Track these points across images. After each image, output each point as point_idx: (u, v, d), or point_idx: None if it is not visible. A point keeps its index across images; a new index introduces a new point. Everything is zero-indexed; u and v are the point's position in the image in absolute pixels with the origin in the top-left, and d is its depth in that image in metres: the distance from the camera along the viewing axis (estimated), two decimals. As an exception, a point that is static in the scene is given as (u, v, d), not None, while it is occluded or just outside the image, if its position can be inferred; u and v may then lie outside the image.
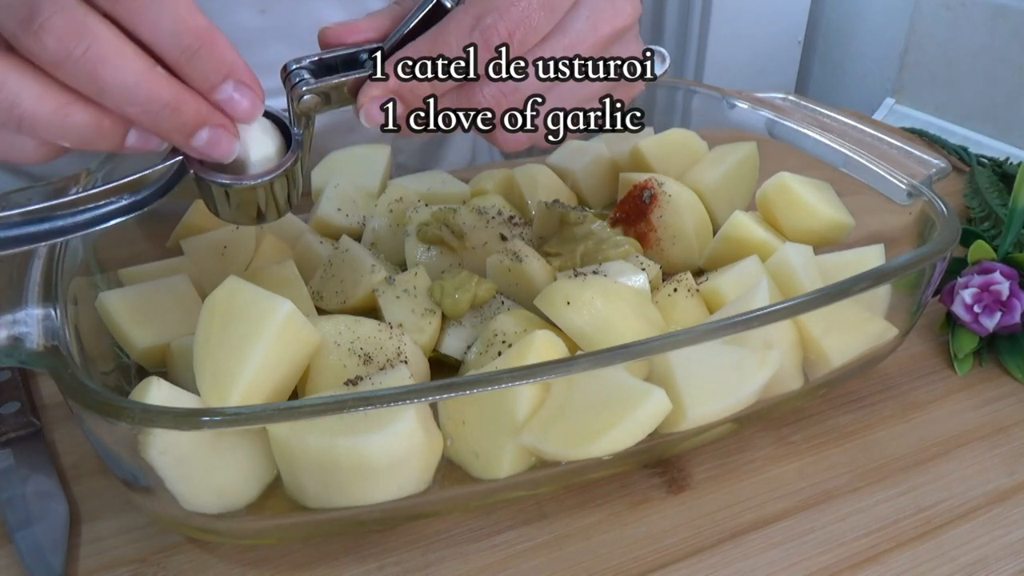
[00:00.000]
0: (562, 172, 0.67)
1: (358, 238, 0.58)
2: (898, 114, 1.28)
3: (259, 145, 0.36)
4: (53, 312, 0.38)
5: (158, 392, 0.36)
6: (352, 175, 0.63)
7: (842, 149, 0.57)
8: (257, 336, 0.37)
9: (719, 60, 1.38)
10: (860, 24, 1.39)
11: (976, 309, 0.52)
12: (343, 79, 0.37)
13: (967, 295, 0.52)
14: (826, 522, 0.42)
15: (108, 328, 0.47)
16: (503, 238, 0.55)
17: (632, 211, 0.58)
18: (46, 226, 0.33)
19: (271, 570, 0.39)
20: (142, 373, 0.46)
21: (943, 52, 1.19)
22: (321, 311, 0.51)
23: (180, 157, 0.35)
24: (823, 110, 0.62)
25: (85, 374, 0.35)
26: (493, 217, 0.57)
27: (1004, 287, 0.51)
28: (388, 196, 0.60)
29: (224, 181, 0.35)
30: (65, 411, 0.48)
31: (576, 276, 0.47)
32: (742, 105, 0.65)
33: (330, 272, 0.53)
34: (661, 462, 0.45)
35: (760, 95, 0.65)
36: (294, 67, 0.37)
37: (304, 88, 0.36)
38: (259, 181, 0.36)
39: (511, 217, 0.59)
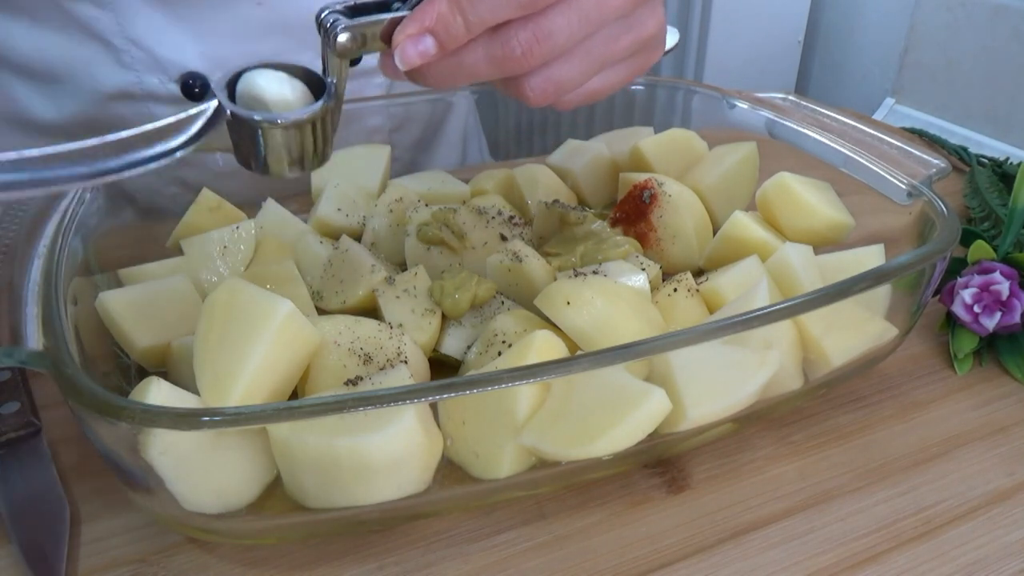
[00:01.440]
0: (562, 172, 0.67)
1: (358, 238, 0.58)
2: (898, 114, 1.28)
3: (292, 94, 0.36)
4: (53, 312, 0.38)
5: (158, 392, 0.36)
6: (352, 175, 0.63)
7: (842, 149, 0.57)
8: (257, 336, 0.37)
9: (719, 60, 1.38)
10: (860, 24, 1.39)
11: (976, 309, 0.52)
12: (380, 18, 0.37)
13: (967, 295, 0.52)
14: (826, 522, 0.42)
15: (108, 328, 0.47)
16: (503, 238, 0.55)
17: (632, 211, 0.58)
18: (69, 171, 0.33)
19: (271, 570, 0.39)
20: (142, 373, 0.46)
21: (943, 52, 1.19)
22: (321, 311, 0.51)
23: (216, 101, 0.35)
24: (823, 110, 0.62)
25: (85, 374, 0.35)
26: (493, 217, 0.57)
27: (1004, 287, 0.51)
28: (388, 196, 0.60)
29: (258, 118, 0.35)
30: (65, 411, 0.48)
31: (576, 276, 0.47)
32: (742, 105, 0.65)
33: (330, 272, 0.53)
34: (661, 462, 0.45)
35: (760, 95, 0.65)
36: (326, 12, 0.37)
37: (340, 28, 0.36)
38: (296, 118, 0.36)
39: (511, 217, 0.59)
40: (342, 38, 0.36)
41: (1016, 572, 0.40)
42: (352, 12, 0.37)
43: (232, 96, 0.37)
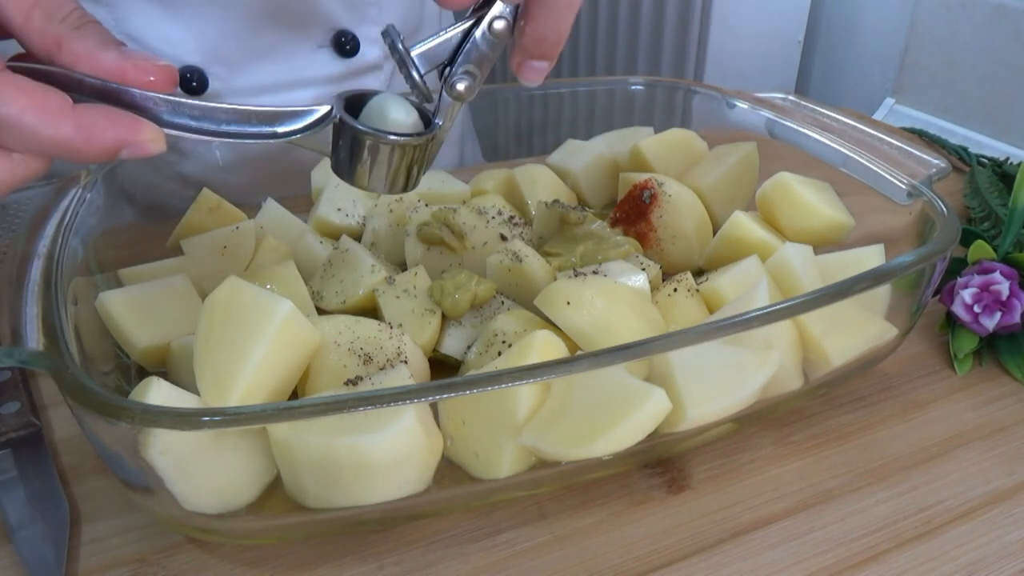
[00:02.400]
0: (562, 172, 0.67)
1: (358, 238, 0.58)
2: (898, 114, 1.28)
3: (403, 118, 0.39)
4: (53, 312, 0.38)
5: (158, 392, 0.36)
6: (352, 175, 0.63)
7: (842, 149, 0.57)
8: (257, 336, 0.37)
9: (719, 60, 1.38)
10: (860, 24, 1.39)
11: (976, 309, 0.52)
12: (470, 51, 0.40)
13: (967, 295, 0.52)
14: (826, 522, 0.42)
15: (108, 328, 0.47)
16: (503, 238, 0.55)
17: (632, 211, 0.58)
18: (198, 123, 0.36)
19: (271, 570, 0.39)
20: (142, 373, 0.46)
21: (943, 52, 1.19)
22: (321, 311, 0.51)
23: (330, 107, 0.38)
24: (823, 110, 0.62)
25: (85, 374, 0.35)
26: (493, 217, 0.57)
27: (1004, 287, 0.51)
28: (388, 196, 0.60)
29: (365, 130, 0.38)
30: (65, 411, 0.48)
31: (576, 276, 0.47)
32: (742, 105, 0.65)
33: (330, 272, 0.53)
34: (661, 462, 0.45)
35: (760, 95, 0.66)
36: (442, 66, 0.40)
37: (455, 78, 0.40)
38: (398, 140, 0.38)
39: (511, 217, 0.59)
40: (460, 86, 0.40)
41: (1016, 572, 0.40)
42: (452, 57, 0.40)
43: (347, 109, 0.39)
